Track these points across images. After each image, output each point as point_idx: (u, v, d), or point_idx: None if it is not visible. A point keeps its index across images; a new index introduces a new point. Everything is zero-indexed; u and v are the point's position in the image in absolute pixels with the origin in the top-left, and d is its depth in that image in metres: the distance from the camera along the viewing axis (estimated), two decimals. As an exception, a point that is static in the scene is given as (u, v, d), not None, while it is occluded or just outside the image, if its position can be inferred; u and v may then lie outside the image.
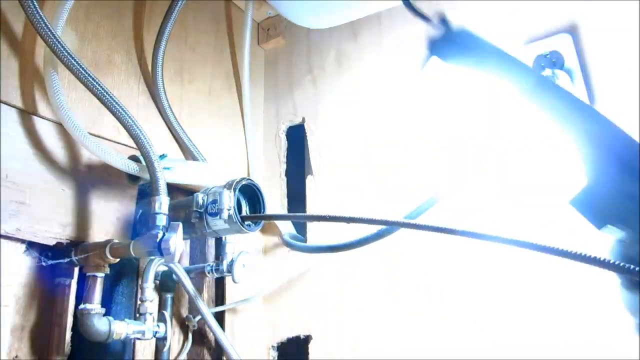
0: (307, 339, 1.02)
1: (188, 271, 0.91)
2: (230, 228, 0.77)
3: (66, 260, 0.76)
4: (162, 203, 0.72)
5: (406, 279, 0.95)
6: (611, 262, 0.40)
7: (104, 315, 0.72)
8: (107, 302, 0.78)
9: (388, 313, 0.95)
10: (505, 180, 0.80)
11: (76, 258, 0.75)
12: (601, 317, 0.75)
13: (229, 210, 0.75)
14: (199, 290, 0.95)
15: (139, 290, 0.79)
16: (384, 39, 1.09)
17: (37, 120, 0.77)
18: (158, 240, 0.69)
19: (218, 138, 1.09)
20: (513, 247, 0.48)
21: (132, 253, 0.72)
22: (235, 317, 1.03)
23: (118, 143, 0.86)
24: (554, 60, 0.84)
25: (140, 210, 0.87)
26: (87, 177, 0.81)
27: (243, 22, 1.13)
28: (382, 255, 0.97)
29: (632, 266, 0.37)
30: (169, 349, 0.88)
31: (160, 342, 0.81)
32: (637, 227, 0.44)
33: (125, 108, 0.74)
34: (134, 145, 0.75)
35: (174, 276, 0.89)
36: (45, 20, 0.71)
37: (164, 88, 0.95)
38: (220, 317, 0.99)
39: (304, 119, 1.15)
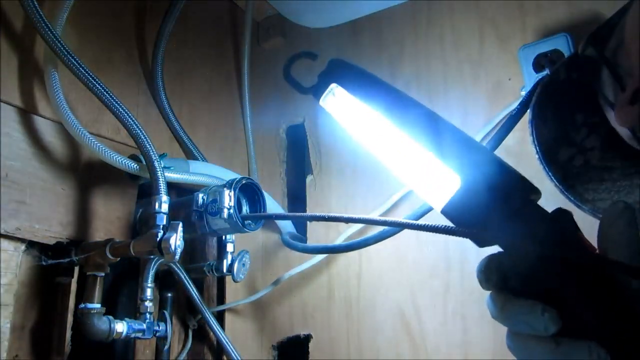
0: (307, 338, 1.02)
1: (188, 270, 0.91)
2: (230, 227, 0.76)
3: (66, 259, 0.75)
4: (162, 202, 0.72)
5: (408, 278, 0.95)
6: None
7: (104, 314, 0.72)
8: (108, 302, 0.78)
9: (389, 311, 0.95)
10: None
11: (76, 257, 0.75)
12: None
13: (229, 209, 0.75)
14: (199, 289, 0.95)
15: (139, 290, 0.79)
16: (384, 39, 1.09)
17: (36, 119, 0.77)
18: (158, 239, 0.69)
19: (218, 137, 1.09)
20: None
21: (133, 252, 0.72)
22: (236, 316, 1.03)
23: (118, 142, 0.87)
24: (554, 60, 0.84)
25: (141, 210, 0.87)
26: (87, 176, 0.81)
27: (243, 21, 1.13)
28: (385, 253, 0.97)
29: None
30: (169, 348, 0.88)
31: (161, 341, 0.81)
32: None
33: (125, 107, 0.74)
34: (134, 145, 0.75)
35: (174, 275, 0.89)
36: (45, 19, 0.71)
37: (164, 87, 0.95)
38: (220, 317, 0.99)
39: (304, 119, 1.15)
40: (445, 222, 0.43)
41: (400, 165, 0.50)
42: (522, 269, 0.37)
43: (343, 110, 0.54)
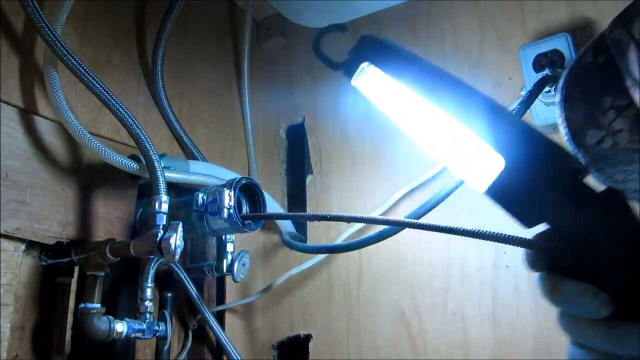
0: (307, 338, 1.02)
1: (188, 270, 0.91)
2: (230, 227, 0.76)
3: (66, 259, 0.75)
4: (162, 202, 0.72)
5: (408, 276, 0.95)
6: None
7: (104, 314, 0.72)
8: (108, 302, 0.78)
9: (389, 311, 0.95)
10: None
11: (76, 257, 0.75)
12: None
13: (229, 209, 0.75)
14: (199, 289, 0.95)
15: (139, 290, 0.79)
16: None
17: (37, 119, 0.77)
18: (158, 239, 0.69)
19: (218, 137, 1.09)
20: (513, 245, 0.47)
21: (133, 252, 0.72)
22: (235, 316, 1.03)
23: (118, 142, 0.86)
24: (554, 60, 0.84)
25: (141, 210, 0.87)
26: (87, 176, 0.81)
27: (243, 21, 1.13)
28: (385, 253, 0.97)
29: None
30: (169, 348, 0.88)
31: (161, 341, 0.81)
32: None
33: (125, 107, 0.74)
34: (134, 145, 0.75)
35: (174, 275, 0.89)
36: (45, 19, 0.71)
37: (163, 87, 0.95)
38: (220, 317, 0.99)
39: (304, 118, 1.15)
40: (445, 222, 0.43)
41: (439, 147, 0.48)
42: (572, 250, 0.36)
43: (377, 90, 0.52)
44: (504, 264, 0.86)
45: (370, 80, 0.52)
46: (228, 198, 0.76)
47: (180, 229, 0.70)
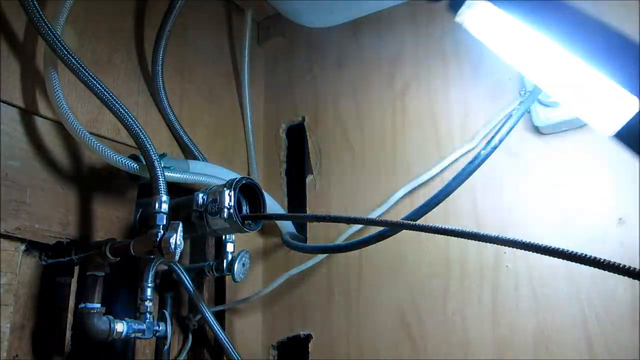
0: (307, 338, 1.02)
1: (188, 270, 0.91)
2: (230, 227, 0.76)
3: (66, 259, 0.76)
4: (162, 202, 0.72)
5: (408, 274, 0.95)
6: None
7: (105, 314, 0.72)
8: (108, 301, 0.78)
9: (389, 311, 0.95)
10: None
11: (76, 257, 0.75)
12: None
13: (229, 209, 0.75)
14: (199, 289, 0.95)
15: (139, 290, 0.79)
16: (384, 39, 1.09)
17: (37, 119, 0.77)
18: (158, 239, 0.69)
19: (218, 137, 1.09)
20: (512, 247, 0.47)
21: (133, 252, 0.72)
22: (235, 316, 1.03)
23: (118, 142, 0.87)
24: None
25: (141, 210, 0.87)
26: (87, 176, 0.81)
27: (243, 21, 1.13)
28: (385, 253, 0.97)
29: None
30: (169, 348, 0.88)
31: (161, 341, 0.81)
32: None
33: (125, 107, 0.74)
34: (134, 144, 0.76)
35: (174, 275, 0.89)
36: (45, 20, 0.71)
37: (164, 87, 0.95)
38: (220, 317, 0.99)
39: (304, 118, 1.15)
40: (445, 222, 0.43)
41: (559, 86, 0.46)
42: None
43: (486, 26, 0.49)
44: (504, 264, 0.86)
45: (478, 15, 0.49)
46: (228, 198, 0.76)
47: (180, 229, 0.70)
